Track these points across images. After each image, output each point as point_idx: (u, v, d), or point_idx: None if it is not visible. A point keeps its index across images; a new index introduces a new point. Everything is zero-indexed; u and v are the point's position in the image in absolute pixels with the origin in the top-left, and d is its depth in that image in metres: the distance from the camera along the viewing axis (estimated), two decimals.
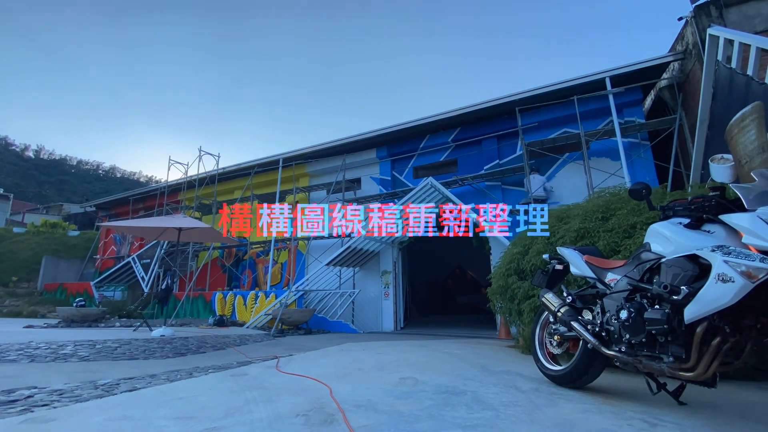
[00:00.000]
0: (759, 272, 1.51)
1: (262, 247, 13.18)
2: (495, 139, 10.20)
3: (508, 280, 4.60)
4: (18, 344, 5.04)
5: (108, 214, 20.01)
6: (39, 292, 16.24)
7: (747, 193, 1.73)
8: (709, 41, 5.20)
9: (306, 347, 5.55)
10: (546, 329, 2.98)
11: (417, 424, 1.88)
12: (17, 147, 63.99)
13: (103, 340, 5.70)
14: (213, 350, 5.31)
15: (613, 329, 2.21)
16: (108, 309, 11.54)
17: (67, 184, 57.70)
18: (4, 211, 30.95)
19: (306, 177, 13.23)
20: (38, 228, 20.95)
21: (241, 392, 2.57)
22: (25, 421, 1.96)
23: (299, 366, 3.62)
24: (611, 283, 2.43)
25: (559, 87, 8.83)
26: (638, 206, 3.72)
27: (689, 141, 7.41)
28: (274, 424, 1.87)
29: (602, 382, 2.73)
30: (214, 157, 14.27)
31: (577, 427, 1.86)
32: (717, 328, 1.72)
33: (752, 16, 6.06)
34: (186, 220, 8.69)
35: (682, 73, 7.81)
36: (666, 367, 1.90)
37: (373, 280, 10.77)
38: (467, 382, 2.80)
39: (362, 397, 2.37)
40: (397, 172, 11.67)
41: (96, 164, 75.27)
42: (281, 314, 8.52)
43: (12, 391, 2.64)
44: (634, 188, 2.23)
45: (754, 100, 4.15)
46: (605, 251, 3.50)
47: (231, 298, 10.97)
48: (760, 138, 3.96)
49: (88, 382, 3.01)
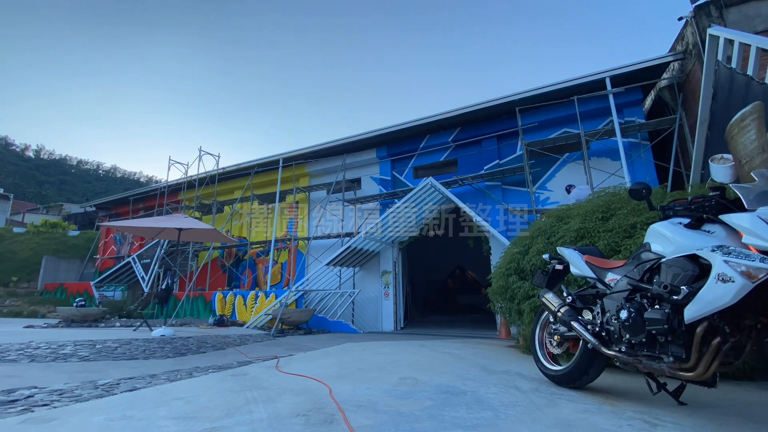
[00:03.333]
0: (759, 272, 1.51)
1: (262, 247, 13.18)
2: (495, 139, 10.20)
3: (509, 280, 4.60)
4: (18, 344, 5.04)
5: (108, 214, 20.01)
6: (39, 292, 16.24)
7: (747, 193, 1.73)
8: (709, 41, 5.20)
9: (306, 347, 5.55)
10: (546, 329, 2.98)
11: (417, 424, 1.88)
12: (17, 147, 63.98)
13: (103, 340, 5.70)
14: (213, 350, 5.31)
15: (613, 329, 2.21)
16: (108, 309, 11.54)
17: (68, 184, 57.70)
18: (4, 211, 30.94)
19: (306, 177, 13.23)
20: (38, 228, 20.96)
21: (241, 392, 2.57)
22: (25, 421, 1.96)
23: (299, 366, 3.62)
24: (611, 283, 2.43)
25: (559, 87, 8.83)
26: (638, 206, 3.72)
27: (689, 141, 7.41)
28: (274, 424, 1.87)
29: (602, 382, 2.73)
30: (214, 157, 14.29)
31: (577, 427, 1.86)
32: (717, 328, 1.72)
33: (752, 16, 6.06)
34: (186, 219, 8.68)
35: (682, 73, 7.81)
36: (666, 367, 1.90)
37: (373, 280, 10.77)
38: (467, 382, 2.80)
39: (362, 397, 2.37)
40: (397, 172, 11.66)
41: (96, 164, 75.29)
42: (281, 314, 8.52)
43: (12, 391, 2.64)
44: (634, 188, 2.23)
45: (754, 100, 4.15)
46: (605, 251, 3.50)
47: (231, 298, 10.97)
48: (760, 138, 3.95)
49: (88, 382, 3.01)
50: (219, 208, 14.63)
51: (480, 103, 9.75)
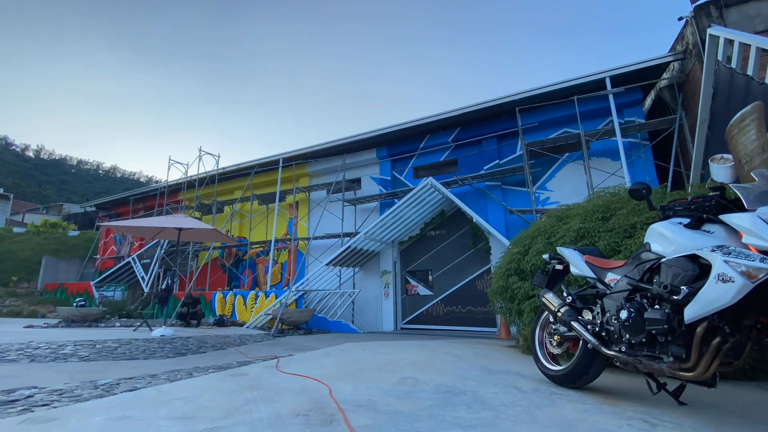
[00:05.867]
0: (759, 272, 1.51)
1: (262, 247, 13.19)
2: (495, 139, 10.20)
3: (509, 280, 4.60)
4: (18, 344, 5.04)
5: (108, 214, 20.01)
6: (39, 292, 16.25)
7: (747, 193, 1.73)
8: (709, 41, 5.20)
9: (306, 347, 5.55)
10: (546, 329, 2.98)
11: (417, 424, 1.88)
12: (17, 147, 64.03)
13: (103, 340, 5.70)
14: (213, 350, 5.31)
15: (613, 329, 2.21)
16: (108, 309, 11.55)
17: (68, 184, 57.74)
18: (4, 211, 30.95)
19: (306, 177, 13.23)
20: (38, 228, 20.96)
21: (241, 392, 2.57)
22: (25, 421, 1.95)
23: (299, 366, 3.62)
24: (611, 283, 2.43)
25: (559, 87, 8.83)
26: (638, 206, 3.72)
27: (689, 141, 7.41)
28: (274, 424, 1.87)
29: (602, 382, 2.73)
30: (214, 157, 14.30)
31: (577, 427, 1.86)
32: (717, 328, 1.72)
33: (752, 16, 6.06)
34: (186, 219, 8.69)
35: (682, 73, 7.81)
36: (666, 367, 1.90)
37: (373, 280, 10.78)
38: (467, 382, 2.80)
39: (362, 397, 2.37)
40: (397, 172, 11.67)
41: (96, 164, 75.46)
42: (281, 314, 8.52)
43: (12, 391, 2.64)
44: (634, 188, 2.23)
45: (754, 100, 4.15)
46: (606, 251, 3.50)
47: (231, 298, 10.97)
48: (760, 138, 3.96)
49: (88, 382, 3.01)
50: (219, 208, 14.64)
51: (480, 103, 9.75)
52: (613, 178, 7.88)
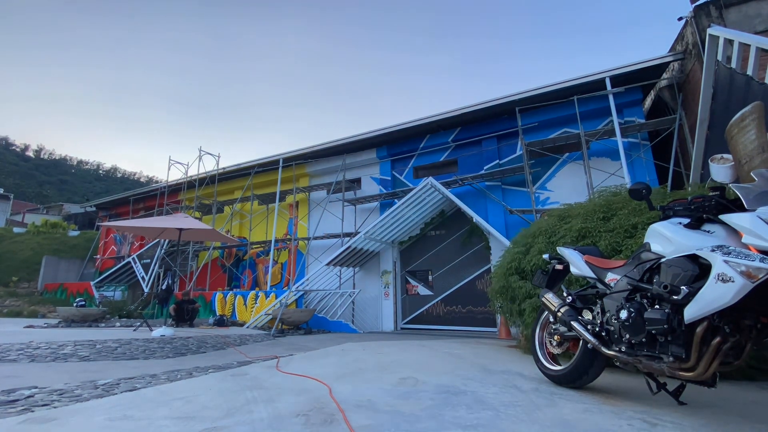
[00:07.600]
0: (759, 272, 1.51)
1: (262, 247, 13.19)
2: (495, 139, 10.20)
3: (509, 280, 4.60)
4: (18, 344, 5.04)
5: (108, 214, 20.02)
6: (39, 292, 16.25)
7: (747, 193, 1.73)
8: (709, 41, 5.21)
9: (306, 347, 5.55)
10: (546, 329, 2.98)
11: (417, 424, 1.88)
12: (18, 147, 64.05)
13: (103, 340, 5.70)
14: (213, 350, 5.31)
15: (613, 329, 2.21)
16: (108, 309, 11.54)
17: (68, 184, 57.76)
18: (5, 211, 30.96)
19: (306, 177, 13.23)
20: (38, 228, 20.98)
21: (241, 392, 2.57)
22: (25, 421, 1.96)
23: (299, 366, 3.62)
24: (611, 283, 2.43)
25: (559, 87, 8.83)
26: (639, 206, 3.72)
27: (689, 141, 7.41)
28: (274, 424, 1.87)
29: (602, 382, 2.73)
30: (214, 157, 14.30)
31: (577, 427, 1.86)
32: (717, 328, 1.72)
33: (752, 16, 6.06)
34: (186, 220, 8.69)
35: (682, 73, 7.81)
36: (666, 367, 1.90)
37: (373, 280, 10.78)
38: (467, 382, 2.80)
39: (363, 397, 2.37)
40: (397, 172, 11.66)
41: (96, 164, 75.49)
42: (281, 314, 8.52)
43: (12, 391, 2.64)
44: (634, 188, 2.23)
45: (754, 100, 4.15)
46: (606, 251, 3.50)
47: (231, 298, 10.97)
48: (760, 138, 3.96)
49: (88, 382, 3.01)
50: (219, 208, 14.64)
51: (480, 103, 9.75)
52: (613, 178, 7.88)
